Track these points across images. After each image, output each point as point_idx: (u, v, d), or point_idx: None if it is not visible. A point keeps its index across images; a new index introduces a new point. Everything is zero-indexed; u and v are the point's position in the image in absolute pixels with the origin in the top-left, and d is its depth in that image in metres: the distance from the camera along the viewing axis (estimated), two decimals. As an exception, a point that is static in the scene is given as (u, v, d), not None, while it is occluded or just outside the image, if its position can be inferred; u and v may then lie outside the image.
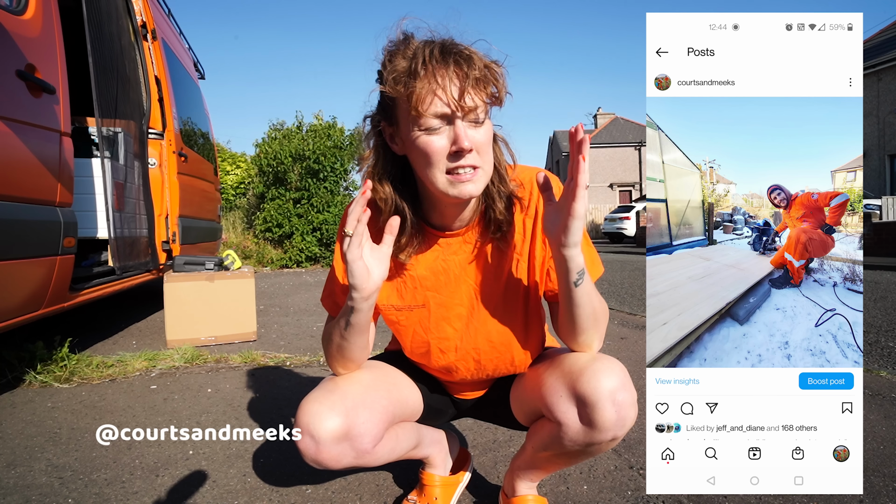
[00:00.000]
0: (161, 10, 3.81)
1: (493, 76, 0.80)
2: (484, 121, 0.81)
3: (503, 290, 0.95)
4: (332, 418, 0.87)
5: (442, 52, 0.78)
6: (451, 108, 0.77)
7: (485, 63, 0.80)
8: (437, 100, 0.77)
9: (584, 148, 0.73)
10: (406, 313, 0.98)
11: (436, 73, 0.76)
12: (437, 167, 0.80)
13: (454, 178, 0.80)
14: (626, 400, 0.83)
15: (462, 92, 0.77)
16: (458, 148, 0.78)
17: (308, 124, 9.45)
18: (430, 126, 0.79)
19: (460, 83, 0.77)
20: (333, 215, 8.82)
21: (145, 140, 3.15)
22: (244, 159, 12.32)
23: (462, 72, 0.77)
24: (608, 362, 0.87)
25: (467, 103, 0.77)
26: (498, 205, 0.89)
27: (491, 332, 0.96)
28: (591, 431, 0.84)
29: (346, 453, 0.88)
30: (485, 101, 0.80)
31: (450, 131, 0.79)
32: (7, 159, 1.68)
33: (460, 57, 0.78)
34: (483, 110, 0.80)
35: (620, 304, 4.39)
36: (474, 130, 0.80)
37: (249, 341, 2.99)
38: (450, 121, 0.79)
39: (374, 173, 0.89)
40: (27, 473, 1.35)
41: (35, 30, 1.89)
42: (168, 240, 3.43)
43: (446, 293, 0.96)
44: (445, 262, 0.94)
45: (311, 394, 0.92)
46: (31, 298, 1.89)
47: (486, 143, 0.82)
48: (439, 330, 0.97)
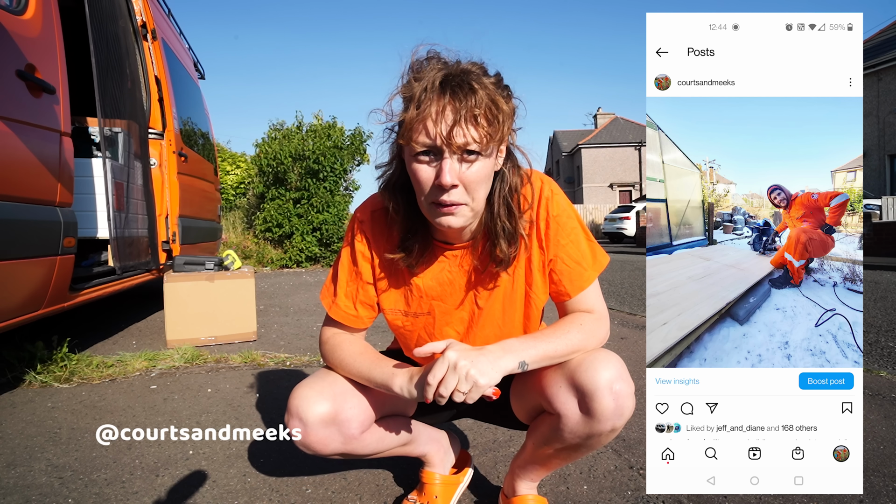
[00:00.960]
0: (161, 10, 3.81)
1: (495, 113, 0.77)
2: (477, 158, 0.78)
3: (503, 297, 0.97)
4: (321, 403, 0.90)
5: (443, 82, 0.75)
6: (438, 142, 0.75)
7: (491, 99, 0.76)
8: (425, 130, 0.75)
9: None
10: (412, 320, 1.00)
11: (431, 103, 0.75)
12: (424, 194, 0.81)
13: (437, 209, 0.80)
14: (624, 390, 0.84)
15: (453, 126, 0.74)
16: (440, 184, 0.77)
17: (308, 124, 9.45)
18: (418, 155, 0.78)
19: (454, 116, 0.74)
20: (333, 215, 8.82)
21: (146, 140, 3.15)
22: (244, 159, 12.31)
23: (458, 105, 0.74)
24: (606, 354, 0.88)
25: (457, 139, 0.75)
26: (501, 242, 0.88)
27: (490, 338, 0.98)
28: (591, 421, 0.85)
29: (333, 437, 0.92)
30: (482, 138, 0.76)
31: (437, 164, 0.78)
32: (7, 159, 1.68)
33: (461, 89, 0.75)
34: (479, 146, 0.77)
35: (620, 304, 4.39)
36: (465, 166, 0.78)
37: (249, 341, 2.99)
38: (438, 153, 0.77)
39: (391, 182, 0.90)
40: (27, 473, 1.35)
41: (35, 30, 1.89)
42: (168, 240, 3.43)
43: (450, 302, 0.97)
44: (451, 273, 0.96)
45: (303, 381, 0.96)
46: (31, 298, 1.88)
47: (477, 180, 0.79)
48: (442, 334, 0.99)
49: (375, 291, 0.99)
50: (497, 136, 0.78)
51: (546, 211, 0.92)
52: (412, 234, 0.91)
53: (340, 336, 1.00)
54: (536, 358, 0.84)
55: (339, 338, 0.99)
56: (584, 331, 0.90)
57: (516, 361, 0.82)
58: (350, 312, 0.99)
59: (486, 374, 0.77)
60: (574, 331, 0.89)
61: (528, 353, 0.84)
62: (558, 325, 0.91)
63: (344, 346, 0.97)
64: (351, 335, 1.01)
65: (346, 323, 1.00)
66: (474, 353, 0.79)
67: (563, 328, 0.90)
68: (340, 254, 1.02)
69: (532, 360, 0.84)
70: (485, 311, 0.97)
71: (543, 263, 0.94)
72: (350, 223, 1.01)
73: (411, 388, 0.84)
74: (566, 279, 0.93)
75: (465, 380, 0.76)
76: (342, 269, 1.00)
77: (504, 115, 0.78)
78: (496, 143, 0.80)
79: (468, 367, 0.77)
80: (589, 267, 0.94)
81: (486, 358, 0.79)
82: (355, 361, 0.93)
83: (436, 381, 0.77)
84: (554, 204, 0.92)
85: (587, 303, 0.95)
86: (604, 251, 0.98)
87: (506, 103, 0.79)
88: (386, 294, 0.99)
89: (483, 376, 0.77)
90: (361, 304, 0.99)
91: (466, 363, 0.77)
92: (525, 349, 0.84)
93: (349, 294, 0.99)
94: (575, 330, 0.89)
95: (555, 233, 0.92)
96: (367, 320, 1.01)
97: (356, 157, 9.41)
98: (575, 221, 0.94)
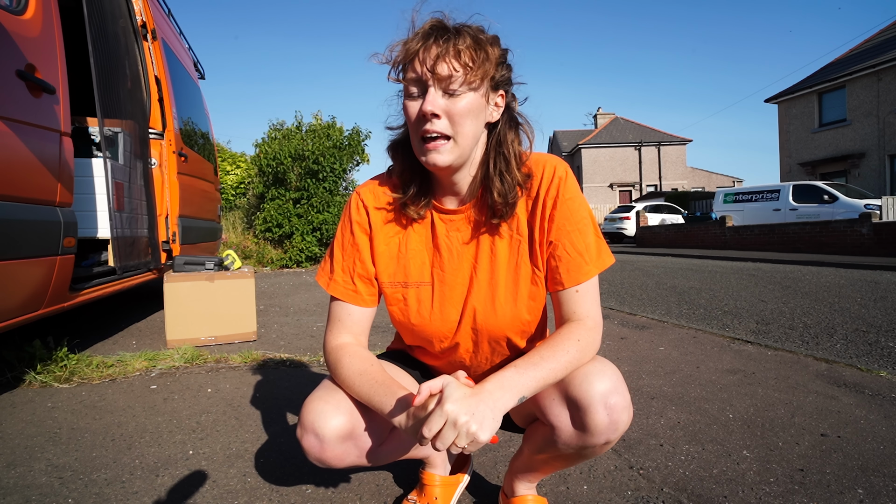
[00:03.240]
0: (161, 10, 3.81)
1: (479, 52, 0.81)
2: (462, 93, 0.81)
3: (503, 270, 0.93)
4: (337, 417, 0.86)
5: (432, 25, 0.82)
6: (423, 74, 0.80)
7: (476, 39, 0.81)
8: (413, 67, 0.81)
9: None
10: (413, 290, 0.96)
11: (420, 41, 0.80)
12: (414, 132, 0.85)
13: (424, 146, 0.84)
14: (619, 403, 0.81)
15: (436, 60, 0.79)
16: (422, 112, 0.81)
17: (307, 124, 9.45)
18: (409, 91, 0.83)
19: (437, 51, 0.79)
20: (333, 215, 8.82)
21: (147, 140, 3.15)
22: (244, 159, 12.32)
23: (443, 41, 0.80)
24: (601, 365, 0.85)
25: (439, 71, 0.79)
26: (495, 186, 0.89)
27: (488, 314, 0.94)
28: (584, 435, 0.83)
29: (350, 452, 0.89)
30: (465, 71, 0.80)
31: (424, 98, 0.82)
32: (7, 159, 1.68)
33: (447, 31, 0.81)
34: (462, 79, 0.80)
35: (620, 304, 4.39)
36: (448, 99, 0.81)
37: (249, 341, 2.99)
38: (424, 87, 0.81)
39: (397, 142, 0.94)
40: (27, 473, 1.35)
41: (35, 30, 1.89)
42: (168, 240, 3.43)
43: (449, 270, 0.95)
44: (448, 238, 0.94)
45: (314, 392, 0.91)
46: (31, 298, 1.88)
47: (461, 113, 0.82)
48: (443, 308, 0.95)
49: (373, 264, 0.97)
50: (480, 71, 0.81)
51: (556, 190, 0.90)
52: (413, 188, 0.94)
53: (342, 351, 0.94)
54: (535, 388, 0.80)
55: (340, 353, 0.94)
56: (581, 347, 0.84)
57: (516, 398, 0.77)
58: (348, 287, 0.97)
59: (487, 428, 0.72)
60: (572, 349, 0.83)
61: (527, 385, 0.78)
62: (555, 342, 0.85)
63: (344, 362, 0.91)
64: (352, 348, 0.95)
65: (345, 300, 0.96)
66: (473, 403, 0.73)
67: (560, 346, 0.84)
68: (337, 231, 1.01)
69: (531, 392, 0.79)
70: (485, 280, 0.93)
71: (545, 243, 0.91)
72: (348, 201, 1.01)
73: (408, 426, 0.79)
74: (563, 267, 0.89)
75: (465, 436, 0.71)
76: (338, 244, 0.99)
77: (490, 54, 0.83)
78: (480, 80, 0.82)
79: (468, 423, 0.70)
80: (591, 261, 0.90)
81: (485, 406, 0.73)
82: (355, 382, 0.88)
83: (431, 435, 0.71)
84: (566, 186, 0.90)
85: (584, 305, 0.89)
86: (610, 252, 0.94)
87: (492, 48, 0.84)
88: (385, 268, 0.97)
89: (483, 431, 0.71)
90: (359, 278, 0.97)
91: (466, 419, 0.70)
92: (524, 382, 0.78)
93: (346, 269, 0.97)
94: (573, 348, 0.84)
95: (561, 215, 0.89)
96: (367, 297, 0.97)
97: (355, 157, 9.41)
98: (585, 211, 0.92)
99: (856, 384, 2.05)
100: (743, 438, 1.54)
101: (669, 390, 1.97)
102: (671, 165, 32.43)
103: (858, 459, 1.39)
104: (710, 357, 2.53)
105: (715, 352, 2.64)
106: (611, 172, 32.65)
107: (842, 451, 1.44)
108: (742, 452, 1.44)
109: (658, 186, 31.69)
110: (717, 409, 1.79)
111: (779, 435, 1.56)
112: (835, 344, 2.83)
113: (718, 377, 2.18)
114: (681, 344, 2.83)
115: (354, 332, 0.98)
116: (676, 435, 1.57)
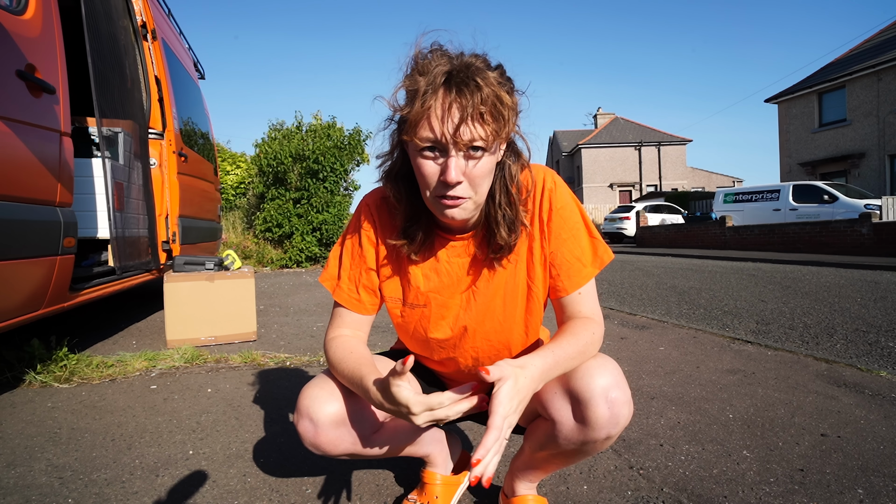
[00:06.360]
0: (161, 10, 3.81)
1: (500, 110, 0.76)
2: (483, 155, 0.77)
3: (504, 290, 0.95)
4: (332, 402, 0.89)
5: (447, 79, 0.75)
6: (444, 140, 0.75)
7: (496, 95, 0.75)
8: (430, 127, 0.75)
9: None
10: (409, 310, 0.99)
11: (437, 99, 0.74)
12: (428, 188, 0.81)
13: (442, 202, 0.80)
14: (620, 398, 0.83)
15: (459, 124, 0.74)
16: (445, 180, 0.77)
17: (307, 124, 9.45)
18: (423, 151, 0.78)
19: (460, 114, 0.74)
20: (333, 215, 8.82)
21: (146, 140, 3.15)
22: (244, 159, 12.31)
23: (464, 102, 0.74)
24: (602, 360, 0.87)
25: (463, 137, 0.74)
26: (501, 230, 0.88)
27: (489, 332, 0.97)
28: (585, 429, 0.84)
29: (343, 438, 0.90)
30: (488, 135, 0.76)
31: (443, 161, 0.77)
32: (7, 159, 1.68)
33: (466, 86, 0.74)
34: (485, 143, 0.76)
35: (620, 304, 4.39)
36: (471, 163, 0.77)
37: (249, 341, 2.99)
38: (443, 150, 0.77)
39: (392, 172, 0.89)
40: (27, 473, 1.35)
41: (35, 30, 1.89)
42: (168, 240, 3.43)
43: (447, 294, 0.96)
44: (449, 264, 0.95)
45: (310, 381, 0.95)
46: (31, 298, 1.88)
47: (482, 175, 0.79)
48: (438, 329, 0.98)
49: (378, 277, 0.99)
50: (503, 132, 0.78)
51: (549, 203, 0.91)
52: (414, 223, 0.91)
53: (339, 339, 0.98)
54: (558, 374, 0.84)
55: (337, 340, 0.97)
56: (595, 340, 0.88)
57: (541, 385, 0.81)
58: (352, 296, 0.99)
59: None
60: (588, 340, 0.87)
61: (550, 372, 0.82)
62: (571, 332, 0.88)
63: (337, 343, 0.95)
64: (349, 338, 0.98)
65: (349, 307, 0.99)
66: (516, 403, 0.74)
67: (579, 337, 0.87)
68: (344, 237, 1.01)
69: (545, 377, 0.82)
70: (483, 303, 0.95)
71: (544, 256, 0.93)
72: (358, 208, 1.01)
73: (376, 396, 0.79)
74: (564, 274, 0.92)
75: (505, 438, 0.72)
76: (346, 252, 1.00)
77: (509, 110, 0.78)
78: (501, 140, 0.80)
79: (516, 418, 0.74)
80: (588, 264, 0.93)
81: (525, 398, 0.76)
82: (343, 358, 0.91)
83: (486, 453, 0.68)
84: (557, 196, 0.91)
85: (587, 305, 0.93)
86: (606, 246, 0.96)
87: (510, 98, 0.78)
88: (387, 282, 0.99)
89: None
90: (364, 289, 0.99)
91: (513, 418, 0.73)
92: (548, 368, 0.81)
93: (352, 278, 0.99)
94: (589, 340, 0.87)
95: (556, 226, 0.91)
96: (369, 306, 1.00)
97: (356, 156, 9.41)
98: (578, 216, 0.93)
99: (856, 384, 2.05)
100: (743, 438, 1.54)
101: (669, 390, 1.97)
102: (671, 165, 32.43)
103: (858, 459, 1.39)
104: (710, 357, 2.53)
105: (715, 352, 2.64)
106: (611, 172, 32.65)
107: (842, 451, 1.44)
108: (742, 452, 1.44)
109: (658, 186, 31.70)
110: (717, 409, 1.79)
111: (779, 435, 1.56)
112: (835, 344, 2.83)
113: (718, 377, 2.18)
114: (681, 344, 2.83)
115: (354, 329, 1.02)
116: (676, 435, 1.57)
